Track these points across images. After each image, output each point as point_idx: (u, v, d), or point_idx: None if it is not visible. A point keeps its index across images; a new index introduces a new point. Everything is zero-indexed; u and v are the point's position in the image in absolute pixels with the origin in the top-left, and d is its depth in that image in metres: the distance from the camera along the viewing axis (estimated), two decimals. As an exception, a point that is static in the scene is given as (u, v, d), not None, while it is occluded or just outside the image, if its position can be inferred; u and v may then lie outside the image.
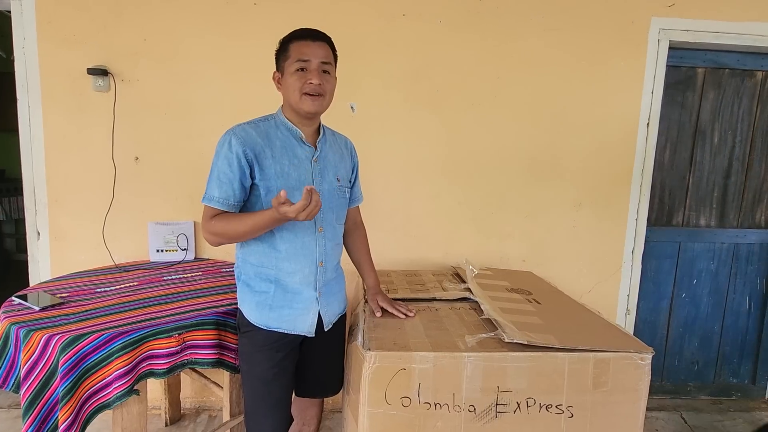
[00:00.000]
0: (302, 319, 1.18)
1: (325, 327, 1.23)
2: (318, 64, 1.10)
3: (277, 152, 1.12)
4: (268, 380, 1.17)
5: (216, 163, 1.10)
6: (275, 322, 1.16)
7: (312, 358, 1.26)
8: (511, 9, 1.92)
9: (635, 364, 1.10)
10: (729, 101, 2.14)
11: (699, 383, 2.29)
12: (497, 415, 1.09)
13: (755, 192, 2.20)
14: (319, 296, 1.19)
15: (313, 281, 1.18)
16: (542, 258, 2.06)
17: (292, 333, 1.17)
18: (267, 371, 1.17)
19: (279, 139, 1.14)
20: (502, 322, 1.21)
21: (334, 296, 1.27)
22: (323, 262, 1.19)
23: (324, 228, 1.19)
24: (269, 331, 1.16)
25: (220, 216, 1.10)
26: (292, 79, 1.10)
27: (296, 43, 1.11)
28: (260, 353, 1.17)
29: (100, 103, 1.88)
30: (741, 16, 1.95)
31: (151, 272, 1.73)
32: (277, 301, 1.16)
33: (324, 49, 1.12)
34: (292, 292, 1.16)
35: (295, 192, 1.11)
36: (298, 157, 1.15)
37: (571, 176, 2.03)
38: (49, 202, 1.91)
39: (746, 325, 2.27)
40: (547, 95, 1.98)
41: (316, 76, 1.09)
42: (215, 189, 1.09)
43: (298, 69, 1.09)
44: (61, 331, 1.16)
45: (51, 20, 1.83)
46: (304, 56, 1.09)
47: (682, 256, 2.21)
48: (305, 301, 1.18)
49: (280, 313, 1.16)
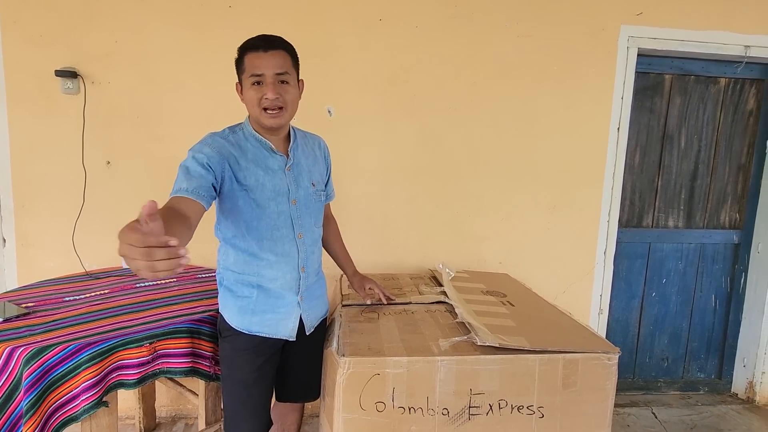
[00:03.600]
0: (284, 324, 1.18)
1: (307, 331, 1.22)
2: (273, 77, 1.05)
3: (250, 164, 1.11)
4: (248, 384, 1.17)
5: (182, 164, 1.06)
6: (257, 327, 1.16)
7: (293, 362, 1.26)
8: (485, 16, 1.95)
9: (603, 363, 1.14)
10: (695, 107, 2.22)
11: (668, 379, 2.37)
12: (470, 417, 1.11)
13: (719, 194, 2.29)
14: (300, 300, 1.20)
15: (296, 286, 1.18)
16: (518, 260, 2.10)
17: (273, 337, 1.17)
18: (248, 375, 1.16)
19: (250, 151, 1.12)
20: (476, 325, 1.23)
21: (316, 300, 1.27)
22: (305, 268, 1.19)
23: (303, 234, 1.19)
24: (251, 335, 1.15)
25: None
26: (249, 94, 1.07)
27: (249, 55, 1.07)
28: (241, 357, 1.16)
29: (70, 105, 1.83)
30: (704, 25, 2.03)
31: (123, 279, 1.69)
32: (260, 305, 1.16)
33: (278, 57, 1.06)
34: (275, 296, 1.16)
35: (270, 202, 1.12)
36: (270, 167, 1.14)
37: (545, 179, 2.08)
38: (15, 207, 1.85)
39: (712, 322, 2.36)
40: (521, 100, 2.02)
41: (272, 90, 1.05)
42: (178, 182, 1.03)
43: (254, 83, 1.06)
44: (25, 342, 1.12)
45: (17, 20, 1.78)
46: (257, 69, 1.05)
47: (652, 256, 2.28)
48: (287, 305, 1.18)
49: (262, 317, 1.16)
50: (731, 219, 2.32)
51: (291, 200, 1.15)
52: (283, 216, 1.14)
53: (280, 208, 1.14)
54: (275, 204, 1.13)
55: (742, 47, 2.06)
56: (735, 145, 2.26)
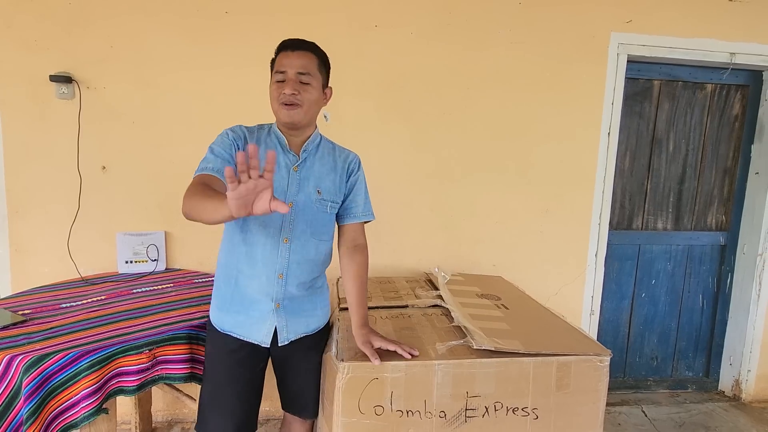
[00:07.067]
0: (257, 328, 1.15)
1: (280, 342, 1.16)
2: (294, 75, 1.09)
3: (258, 155, 1.12)
4: (220, 383, 1.17)
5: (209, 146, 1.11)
6: (229, 326, 1.16)
7: (284, 372, 1.25)
8: (479, 22, 1.98)
9: (595, 366, 1.17)
10: (682, 112, 2.27)
11: (658, 377, 2.43)
12: (467, 419, 1.13)
13: (707, 197, 2.35)
14: (276, 308, 1.15)
15: (272, 293, 1.14)
16: (512, 263, 2.14)
17: (246, 340, 1.15)
18: (220, 375, 1.17)
19: (266, 144, 1.15)
20: (472, 329, 1.25)
21: (300, 315, 1.19)
22: (283, 275, 1.13)
23: (291, 240, 1.14)
24: (225, 334, 1.16)
25: (200, 183, 1.02)
26: (272, 90, 1.13)
27: (279, 55, 1.13)
28: (217, 356, 1.18)
29: (65, 111, 1.82)
30: (692, 33, 2.08)
31: (119, 284, 1.69)
32: (235, 305, 1.16)
33: (303, 58, 1.10)
34: (250, 299, 1.14)
35: None
36: (278, 163, 1.13)
37: (537, 183, 2.11)
38: (9, 213, 1.84)
39: (700, 321, 2.42)
40: (514, 105, 2.05)
41: (290, 86, 1.09)
42: (205, 162, 1.07)
43: (278, 80, 1.11)
44: (24, 351, 1.13)
45: (10, 24, 1.77)
46: (282, 67, 1.10)
47: (642, 257, 2.34)
48: (261, 311, 1.15)
49: (236, 318, 1.16)
50: (718, 221, 2.38)
51: (288, 202, 1.13)
52: (274, 215, 1.10)
53: None
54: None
55: (727, 54, 2.11)
56: (721, 149, 2.32)
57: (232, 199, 0.78)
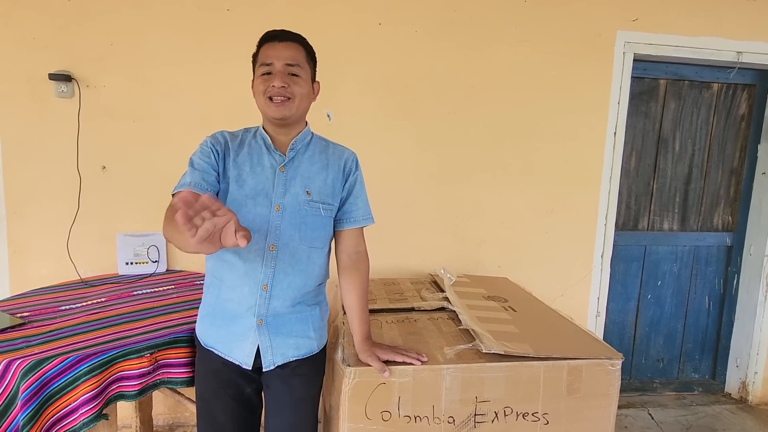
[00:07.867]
0: (238, 346, 1.05)
1: (265, 366, 1.05)
2: (282, 66, 1.01)
3: (240, 158, 1.05)
4: (206, 398, 1.12)
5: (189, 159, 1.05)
6: (212, 341, 1.09)
7: (268, 404, 1.13)
8: (484, 20, 1.96)
9: (606, 369, 1.14)
10: (689, 111, 2.25)
11: (664, 380, 2.40)
12: (476, 425, 1.11)
13: (713, 197, 2.33)
14: (259, 325, 1.03)
15: (254, 306, 1.03)
16: (517, 264, 2.11)
17: (228, 359, 1.06)
18: (205, 389, 1.13)
19: (249, 146, 1.07)
20: (480, 332, 1.23)
21: (288, 336, 1.06)
22: (268, 287, 1.02)
23: (278, 247, 1.03)
24: (208, 349, 1.09)
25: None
26: (257, 84, 1.04)
27: (264, 46, 1.05)
28: (203, 369, 1.13)
29: (64, 109, 1.79)
30: (698, 32, 2.06)
31: (119, 286, 1.67)
32: (217, 319, 1.08)
33: (291, 49, 1.03)
34: (231, 313, 1.05)
35: (248, 201, 1.02)
36: (262, 164, 1.05)
37: (543, 183, 2.09)
38: (7, 214, 1.81)
39: (706, 323, 2.39)
40: (519, 104, 2.03)
41: (279, 78, 1.00)
42: (183, 178, 1.01)
43: (264, 73, 1.02)
44: (22, 355, 1.10)
45: (7, 22, 1.74)
46: (268, 59, 1.02)
47: (648, 258, 2.31)
48: (243, 327, 1.04)
49: (218, 332, 1.08)
50: (724, 222, 2.36)
51: (273, 205, 1.03)
52: (258, 219, 1.02)
53: (257, 210, 1.02)
54: (253, 204, 1.02)
55: (734, 53, 2.09)
56: (727, 149, 2.30)
57: (196, 245, 0.70)
